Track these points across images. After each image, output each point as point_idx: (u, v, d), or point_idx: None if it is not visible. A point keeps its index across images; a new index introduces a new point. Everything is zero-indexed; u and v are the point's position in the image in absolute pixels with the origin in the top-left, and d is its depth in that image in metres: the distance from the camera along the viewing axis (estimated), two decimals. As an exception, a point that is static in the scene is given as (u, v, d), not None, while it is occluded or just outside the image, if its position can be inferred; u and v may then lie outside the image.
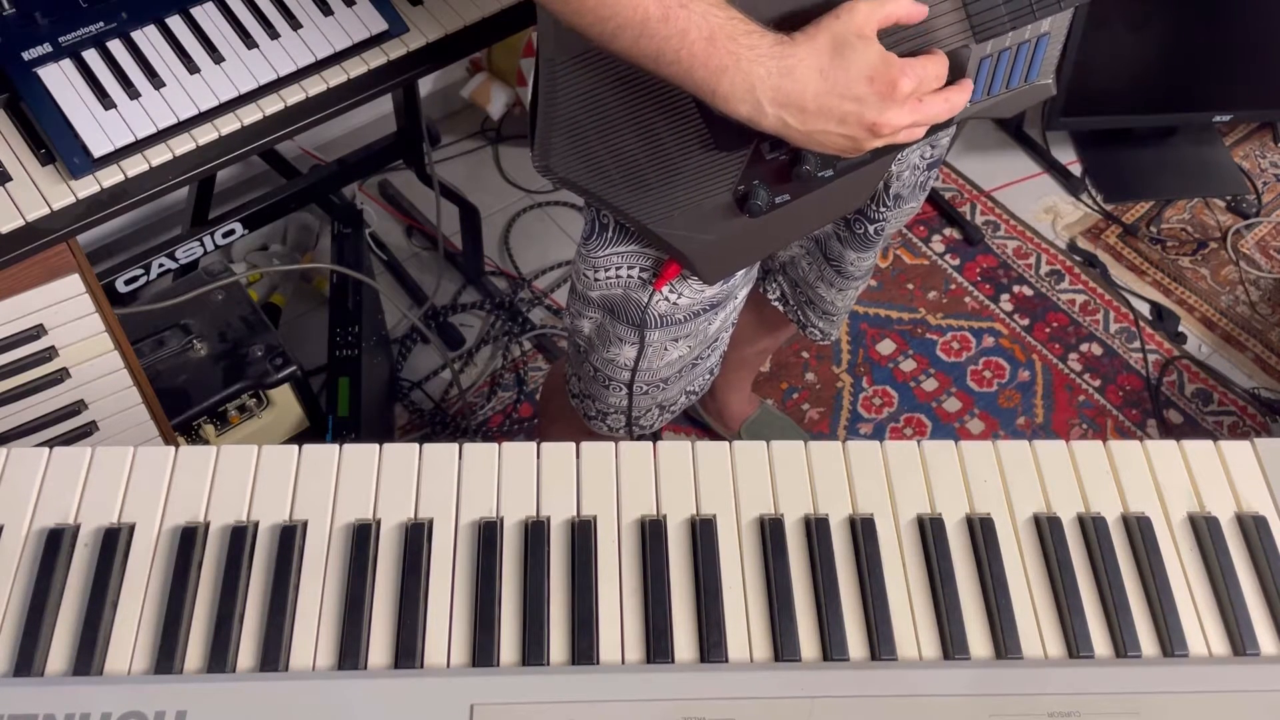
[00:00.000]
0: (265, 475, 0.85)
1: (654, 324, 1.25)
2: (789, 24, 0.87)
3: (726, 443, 0.89)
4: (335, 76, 1.30)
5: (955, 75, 0.92)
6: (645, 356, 1.30)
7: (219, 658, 0.76)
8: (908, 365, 2.20)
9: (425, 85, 2.28)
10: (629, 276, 1.19)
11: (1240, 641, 0.81)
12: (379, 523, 0.83)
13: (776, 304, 1.60)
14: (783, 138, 0.90)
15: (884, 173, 1.16)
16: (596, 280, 1.21)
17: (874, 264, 1.50)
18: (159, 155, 1.22)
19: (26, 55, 1.21)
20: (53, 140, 1.18)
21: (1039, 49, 1.01)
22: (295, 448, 0.87)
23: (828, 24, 0.87)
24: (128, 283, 1.76)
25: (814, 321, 1.59)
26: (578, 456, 0.87)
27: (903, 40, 0.91)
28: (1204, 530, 0.86)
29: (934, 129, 0.97)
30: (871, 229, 1.36)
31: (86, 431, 1.39)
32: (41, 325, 1.26)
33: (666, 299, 1.21)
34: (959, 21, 0.92)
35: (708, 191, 1.01)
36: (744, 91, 0.86)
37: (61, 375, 1.31)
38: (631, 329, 1.26)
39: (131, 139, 1.20)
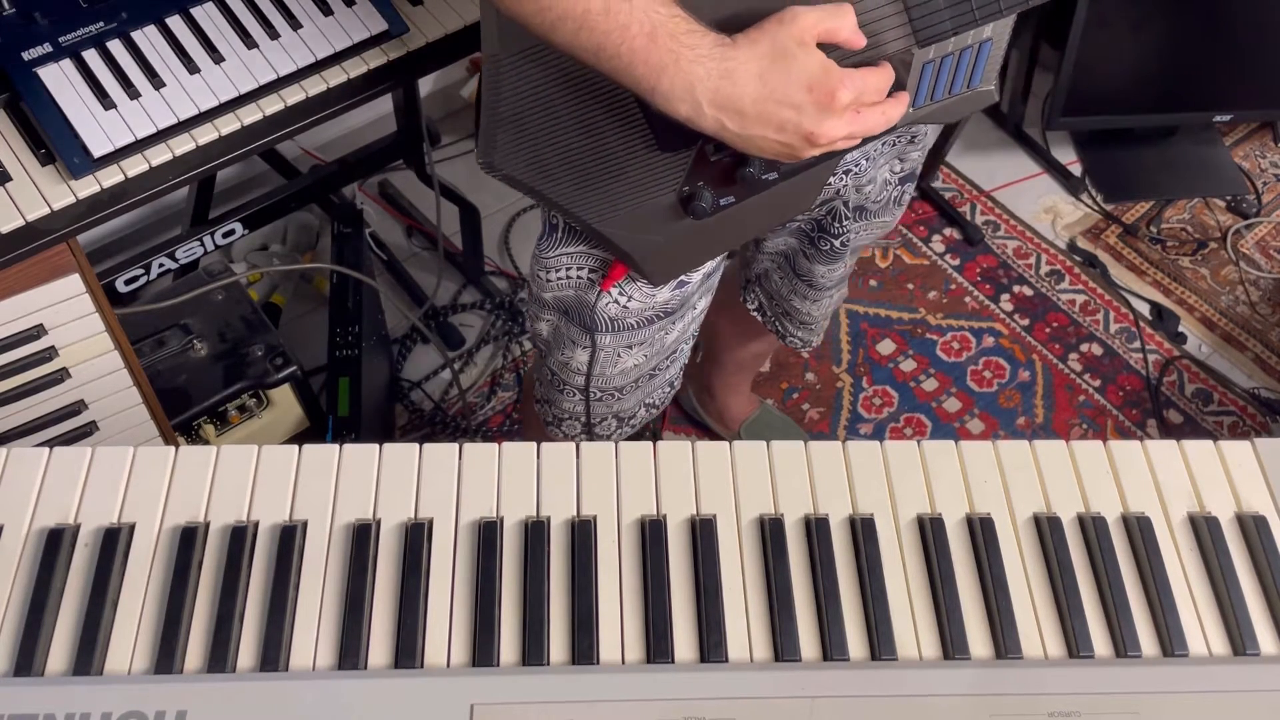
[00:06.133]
0: (265, 475, 0.85)
1: (604, 327, 1.24)
2: (732, 26, 0.87)
3: (726, 443, 0.89)
4: (335, 76, 1.30)
5: (896, 79, 0.92)
6: (598, 361, 1.29)
7: (219, 658, 0.76)
8: (908, 365, 2.20)
9: (425, 85, 2.28)
10: (578, 277, 1.20)
11: (1240, 641, 0.81)
12: (379, 523, 0.83)
13: (755, 314, 1.60)
14: (721, 140, 0.90)
15: (828, 177, 1.17)
16: (549, 281, 1.22)
17: (846, 274, 1.48)
18: (159, 155, 1.22)
19: (26, 55, 1.21)
20: (53, 140, 1.18)
21: (981, 55, 1.00)
22: (295, 448, 0.87)
23: (770, 28, 0.86)
24: (128, 283, 1.76)
25: (792, 331, 1.60)
26: (578, 456, 0.87)
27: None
28: (1204, 530, 0.86)
29: (870, 138, 0.96)
30: (836, 243, 1.35)
31: (86, 431, 1.39)
32: (41, 325, 1.26)
33: (616, 301, 1.21)
34: (901, 25, 0.92)
35: (652, 192, 1.01)
36: (683, 91, 0.85)
37: (61, 375, 1.31)
38: (583, 332, 1.26)
39: (131, 139, 1.20)
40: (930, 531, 0.84)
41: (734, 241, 1.18)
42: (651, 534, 0.83)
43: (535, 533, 0.82)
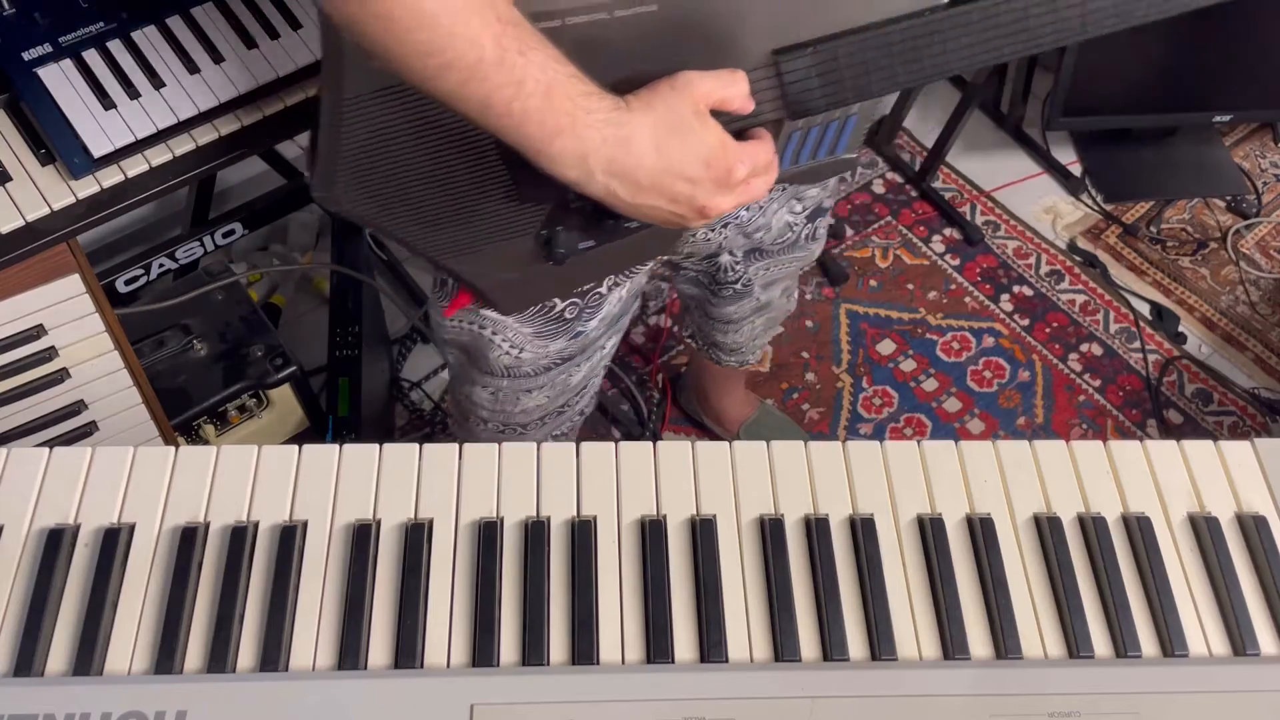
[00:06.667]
0: (265, 475, 0.85)
1: (500, 374, 1.24)
2: (624, 89, 0.83)
3: (726, 443, 0.88)
4: (335, 76, 1.30)
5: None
6: (498, 400, 1.29)
7: (219, 658, 0.76)
8: (908, 365, 2.20)
9: (425, 85, 2.28)
10: (469, 328, 1.20)
11: (1240, 641, 0.81)
12: (379, 523, 0.83)
13: (690, 341, 1.61)
14: (608, 205, 0.86)
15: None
16: (445, 326, 1.22)
17: (768, 300, 1.47)
18: (159, 155, 1.22)
19: (26, 55, 1.21)
20: (53, 140, 1.18)
21: (847, 127, 1.01)
22: (295, 448, 0.86)
23: (664, 93, 0.83)
24: (128, 283, 1.76)
25: (724, 358, 1.61)
26: (578, 456, 0.87)
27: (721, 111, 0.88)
28: (1204, 530, 0.86)
29: None
30: (737, 286, 1.34)
31: (86, 431, 1.39)
32: (41, 325, 1.26)
33: (507, 353, 1.20)
34: (775, 99, 0.91)
35: (508, 235, 0.97)
36: (575, 158, 0.81)
37: (61, 375, 1.31)
38: (481, 374, 1.26)
39: (131, 139, 1.20)
40: (930, 531, 0.84)
41: (591, 279, 1.16)
42: (651, 534, 0.83)
43: (535, 533, 0.82)
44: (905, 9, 0.89)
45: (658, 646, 0.78)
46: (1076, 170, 2.52)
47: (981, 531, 0.84)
